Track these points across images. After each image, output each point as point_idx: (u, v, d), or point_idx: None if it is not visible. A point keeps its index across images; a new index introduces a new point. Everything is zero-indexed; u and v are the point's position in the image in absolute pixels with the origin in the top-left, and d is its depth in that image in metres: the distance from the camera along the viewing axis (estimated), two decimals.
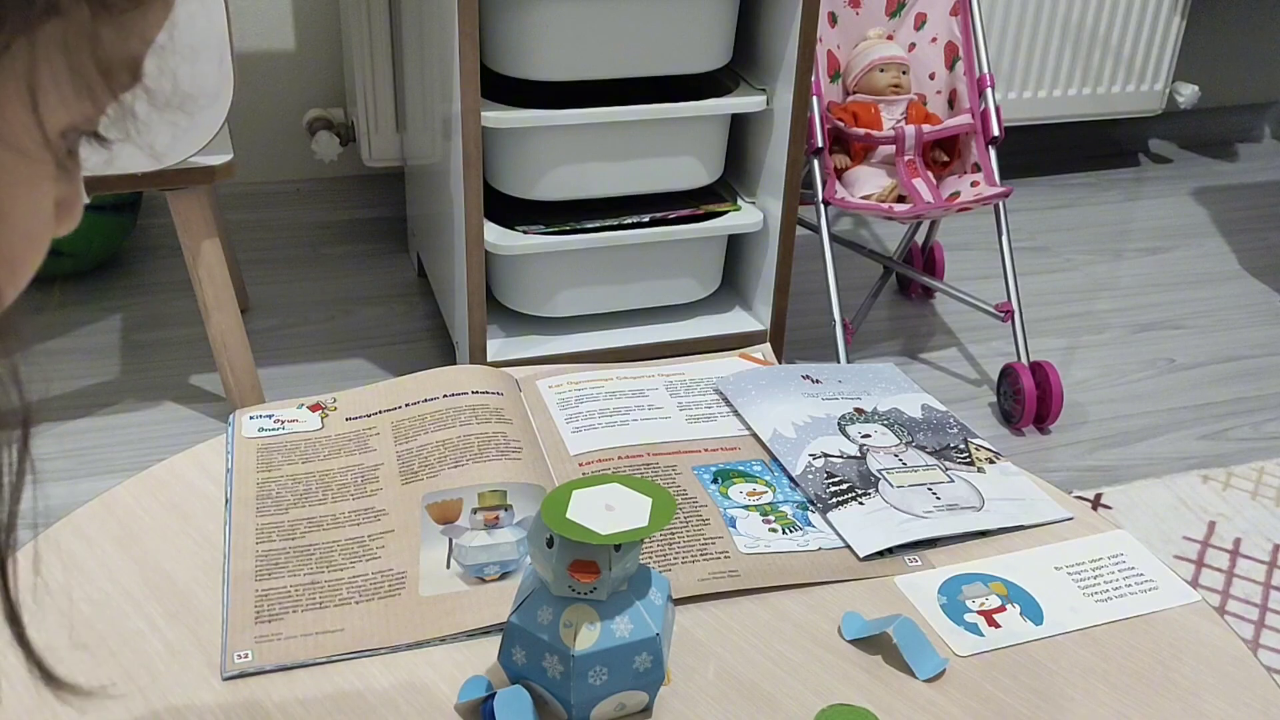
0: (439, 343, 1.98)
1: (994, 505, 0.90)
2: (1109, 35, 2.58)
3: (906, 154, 1.92)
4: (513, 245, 1.68)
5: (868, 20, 2.06)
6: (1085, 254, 2.48)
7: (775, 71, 1.71)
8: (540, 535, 0.65)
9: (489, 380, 1.02)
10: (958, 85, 1.99)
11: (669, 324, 1.83)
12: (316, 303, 2.10)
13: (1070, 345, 2.13)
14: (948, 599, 0.81)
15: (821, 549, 0.85)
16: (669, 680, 0.73)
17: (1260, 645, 1.46)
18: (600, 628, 0.66)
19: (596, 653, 0.66)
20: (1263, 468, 1.79)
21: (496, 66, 1.64)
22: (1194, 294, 2.34)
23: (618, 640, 0.66)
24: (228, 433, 0.96)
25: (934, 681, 0.74)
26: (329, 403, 1.00)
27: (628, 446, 0.95)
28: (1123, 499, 1.70)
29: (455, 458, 0.91)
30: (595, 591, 0.66)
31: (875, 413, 1.01)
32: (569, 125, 1.63)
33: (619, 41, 1.62)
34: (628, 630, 0.66)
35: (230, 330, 1.65)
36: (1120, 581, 0.84)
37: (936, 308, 2.21)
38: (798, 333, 1.93)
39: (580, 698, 0.66)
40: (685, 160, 1.74)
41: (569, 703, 0.67)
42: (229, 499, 0.88)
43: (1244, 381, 2.04)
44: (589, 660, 0.66)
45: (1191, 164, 2.94)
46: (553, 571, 0.65)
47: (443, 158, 1.72)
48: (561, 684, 0.66)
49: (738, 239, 1.86)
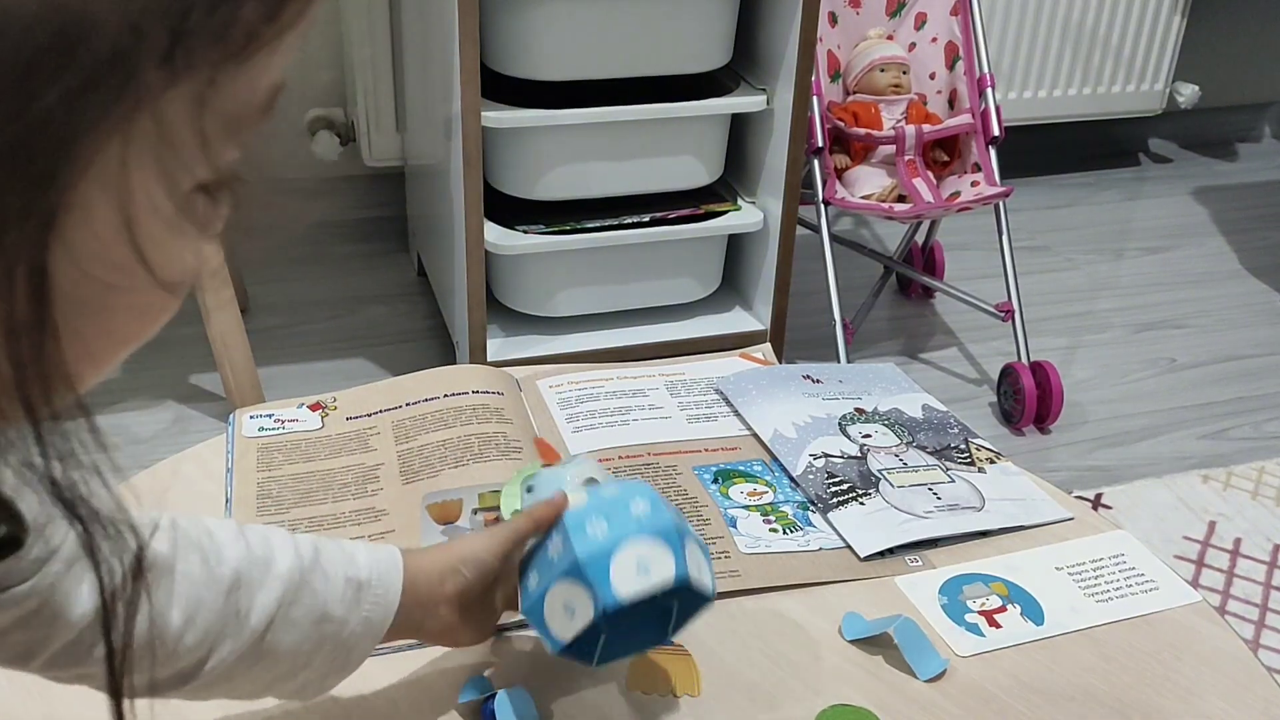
0: (439, 343, 1.98)
1: (994, 505, 0.90)
2: (1109, 35, 2.58)
3: (907, 154, 1.92)
4: (513, 245, 1.68)
5: (868, 20, 2.06)
6: (1085, 254, 2.48)
7: (775, 71, 1.71)
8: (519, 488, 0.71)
9: (489, 380, 1.02)
10: (958, 85, 1.99)
11: (669, 324, 1.83)
12: (317, 302, 2.10)
13: (1071, 345, 2.13)
14: (948, 599, 0.81)
15: (822, 549, 0.85)
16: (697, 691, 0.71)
17: (1260, 645, 1.46)
18: (588, 492, 0.67)
19: (588, 506, 0.65)
20: (1263, 468, 1.79)
21: (497, 66, 1.64)
22: (1194, 293, 2.34)
23: (606, 496, 0.65)
24: (228, 432, 0.96)
25: (935, 682, 0.74)
26: (329, 402, 1.00)
27: (628, 446, 0.95)
28: (1123, 499, 1.70)
29: (456, 458, 0.91)
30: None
31: (876, 413, 1.01)
32: (569, 125, 1.63)
33: (619, 41, 1.62)
34: (615, 490, 0.66)
35: (230, 330, 1.65)
36: (1121, 582, 0.84)
37: (936, 308, 2.21)
38: (798, 333, 1.93)
39: (586, 551, 0.62)
40: (685, 160, 1.74)
41: (578, 561, 0.62)
42: (229, 499, 0.88)
43: (1244, 381, 2.04)
44: (581, 514, 0.64)
45: (1191, 164, 2.94)
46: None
47: (443, 157, 1.72)
48: (566, 553, 0.63)
49: (738, 239, 1.85)
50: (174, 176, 0.31)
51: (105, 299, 0.33)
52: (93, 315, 0.32)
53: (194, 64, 0.29)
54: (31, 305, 0.29)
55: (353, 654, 0.62)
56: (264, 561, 0.59)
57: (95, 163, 0.29)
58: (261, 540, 0.60)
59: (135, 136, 0.30)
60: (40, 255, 0.29)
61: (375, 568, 0.63)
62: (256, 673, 0.59)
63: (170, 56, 0.29)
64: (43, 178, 0.28)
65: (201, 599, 0.56)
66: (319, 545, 0.62)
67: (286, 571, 0.59)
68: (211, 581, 0.57)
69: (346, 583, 0.61)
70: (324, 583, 0.61)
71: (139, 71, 0.28)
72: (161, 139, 0.30)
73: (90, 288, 0.32)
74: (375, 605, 0.62)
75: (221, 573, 0.57)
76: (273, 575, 0.59)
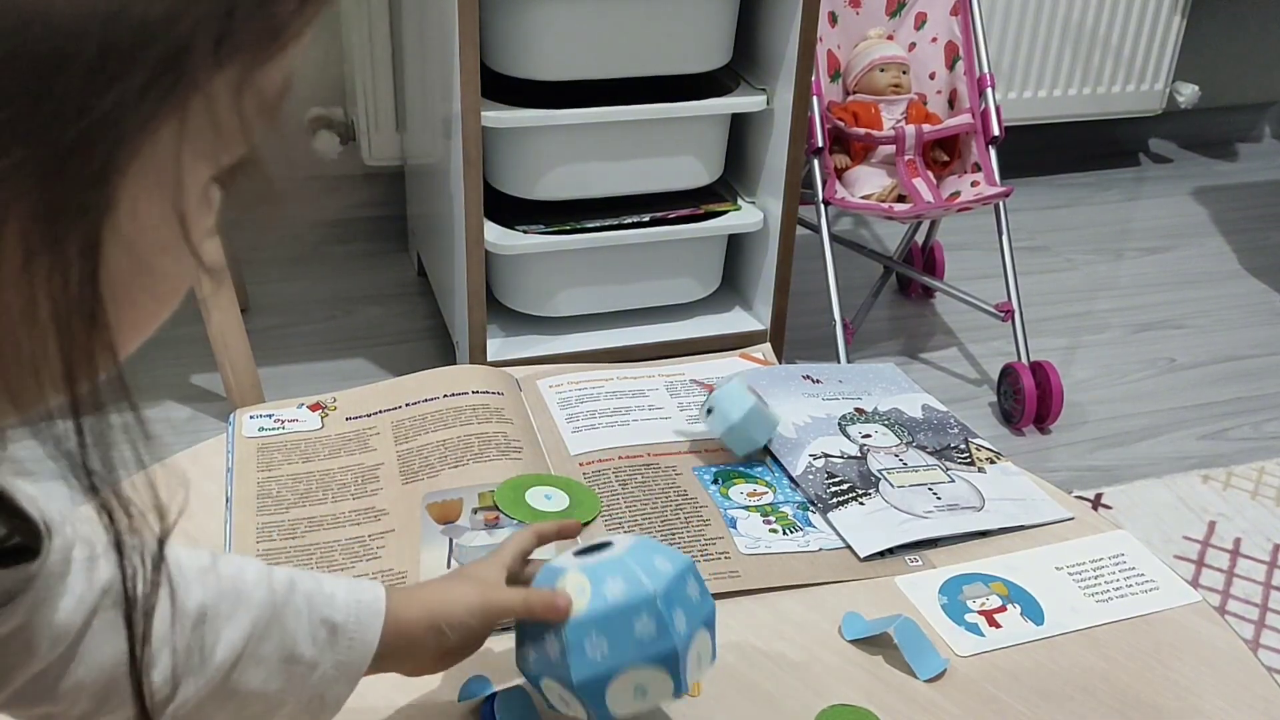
0: (439, 343, 1.98)
1: (994, 505, 0.90)
2: (1109, 35, 2.58)
3: (906, 154, 1.92)
4: (513, 245, 1.68)
5: (868, 20, 2.06)
6: (1085, 254, 2.48)
7: (775, 71, 1.71)
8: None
9: (489, 380, 1.02)
10: (958, 85, 1.99)
11: (669, 324, 1.83)
12: (317, 302, 2.10)
13: (1070, 345, 2.13)
14: (948, 599, 0.81)
15: (822, 549, 0.85)
16: (698, 691, 0.71)
17: (1260, 645, 1.46)
18: (590, 590, 0.62)
19: (588, 618, 0.61)
20: (1263, 468, 1.79)
21: (496, 66, 1.64)
22: (1194, 294, 2.34)
23: (610, 602, 0.61)
24: (228, 432, 0.96)
25: (935, 682, 0.74)
26: (329, 402, 1.00)
27: (628, 447, 0.95)
28: (1123, 499, 1.70)
29: (455, 458, 0.91)
30: None
31: (876, 413, 1.01)
32: (569, 125, 1.63)
33: (619, 41, 1.62)
34: (620, 590, 0.61)
35: (230, 329, 1.65)
36: (1121, 581, 0.84)
37: (936, 308, 2.21)
38: (798, 333, 1.93)
39: (583, 674, 0.61)
40: (685, 160, 1.74)
41: (572, 683, 0.61)
42: (229, 498, 0.88)
43: (1244, 381, 2.04)
44: (582, 628, 0.61)
45: (1191, 164, 2.94)
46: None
47: (443, 157, 1.72)
48: (562, 664, 0.61)
49: (738, 239, 1.85)
50: (218, 159, 0.34)
51: (142, 279, 0.34)
52: (130, 296, 0.34)
53: (238, 52, 0.32)
54: (83, 287, 0.31)
55: (326, 697, 0.60)
56: (233, 595, 0.57)
57: (149, 148, 0.31)
58: (235, 573, 0.58)
59: (189, 122, 0.32)
60: (95, 236, 0.31)
61: (353, 610, 0.60)
62: (229, 714, 0.57)
63: (220, 46, 0.31)
64: (104, 167, 0.30)
65: (165, 635, 0.53)
66: (295, 581, 0.60)
67: (256, 607, 0.57)
68: (177, 618, 0.54)
69: (321, 623, 0.59)
70: (295, 620, 0.58)
71: (194, 63, 0.31)
72: (210, 124, 0.32)
73: (132, 268, 0.33)
74: (350, 649, 0.60)
75: (188, 608, 0.55)
76: (241, 610, 0.56)
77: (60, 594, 0.50)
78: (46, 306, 0.31)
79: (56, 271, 0.30)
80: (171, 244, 0.34)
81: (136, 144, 0.31)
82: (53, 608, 0.50)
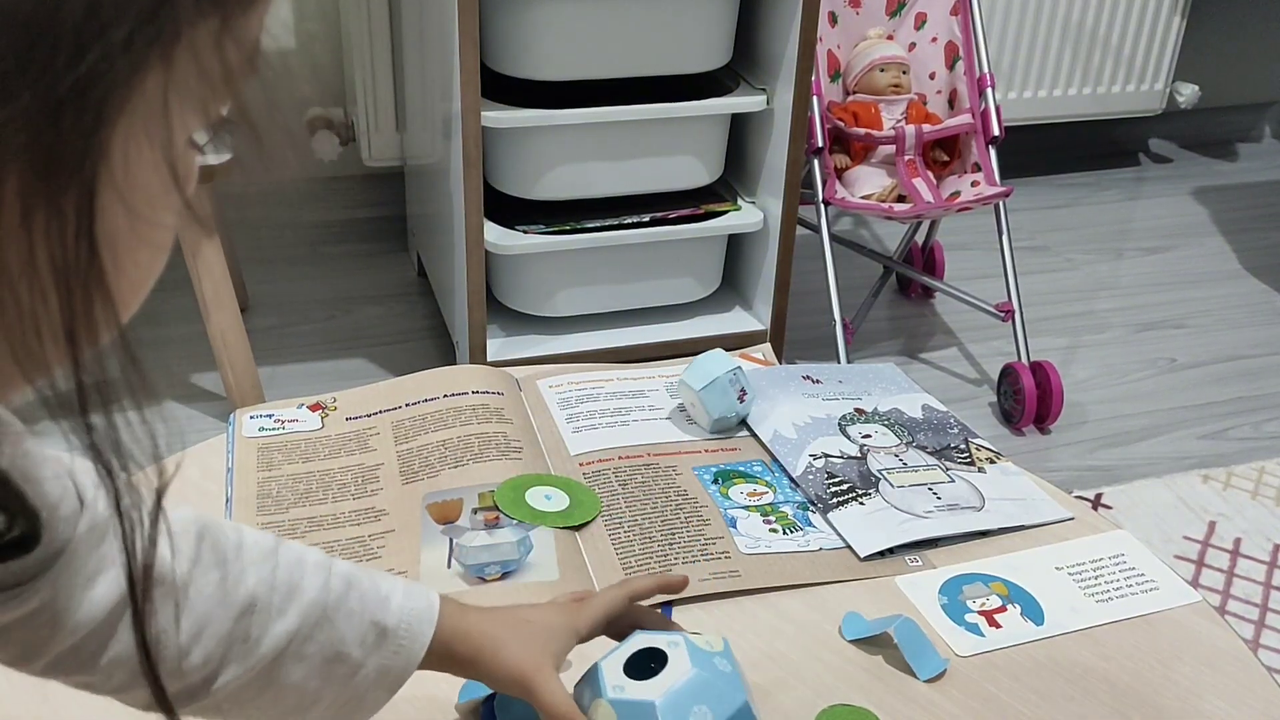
0: (439, 343, 1.98)
1: (994, 505, 0.90)
2: (1109, 35, 2.58)
3: (906, 154, 1.92)
4: (513, 245, 1.68)
5: (868, 20, 2.06)
6: (1085, 254, 2.48)
7: (775, 71, 1.71)
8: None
9: (489, 380, 1.02)
10: (958, 85, 1.99)
11: (669, 324, 1.83)
12: (316, 302, 2.10)
13: (1071, 345, 2.13)
14: (948, 599, 0.81)
15: (822, 549, 0.85)
16: None
17: (1260, 645, 1.46)
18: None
19: None
20: (1263, 467, 1.79)
21: (496, 66, 1.64)
22: (1194, 294, 2.34)
23: None
24: (228, 432, 0.96)
25: (935, 682, 0.74)
26: (329, 402, 1.00)
27: (628, 447, 0.95)
28: (1123, 499, 1.70)
29: (455, 458, 0.91)
30: None
31: (876, 413, 1.01)
32: (569, 125, 1.63)
33: (619, 41, 1.62)
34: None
35: (230, 329, 1.65)
36: (1121, 581, 0.84)
37: (936, 308, 2.21)
38: (798, 333, 1.93)
39: None
40: (685, 160, 1.74)
41: None
42: (229, 498, 0.88)
43: (1244, 381, 2.04)
44: None
45: (1191, 164, 2.94)
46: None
47: (443, 157, 1.72)
48: None
49: (738, 239, 1.85)
50: (206, 109, 0.34)
51: (136, 230, 0.35)
52: (126, 248, 0.35)
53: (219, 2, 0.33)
54: (80, 239, 0.31)
55: (365, 700, 0.60)
56: (288, 589, 0.57)
57: (139, 98, 0.32)
58: (293, 564, 0.58)
59: (174, 71, 0.32)
60: (90, 188, 0.31)
61: (407, 617, 0.60)
62: (266, 701, 0.57)
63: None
64: (95, 119, 0.31)
65: (211, 617, 0.54)
66: (353, 580, 0.60)
67: (309, 604, 0.57)
68: (225, 602, 0.55)
69: (371, 626, 0.59)
70: (346, 621, 0.58)
71: (177, 12, 0.31)
72: (195, 72, 0.33)
73: (126, 219, 0.34)
74: (396, 655, 0.60)
75: (237, 595, 0.55)
76: (294, 605, 0.57)
77: (94, 569, 0.51)
78: (45, 261, 0.31)
79: (54, 225, 0.31)
80: (162, 195, 0.34)
81: (125, 94, 0.31)
82: (84, 584, 0.51)
